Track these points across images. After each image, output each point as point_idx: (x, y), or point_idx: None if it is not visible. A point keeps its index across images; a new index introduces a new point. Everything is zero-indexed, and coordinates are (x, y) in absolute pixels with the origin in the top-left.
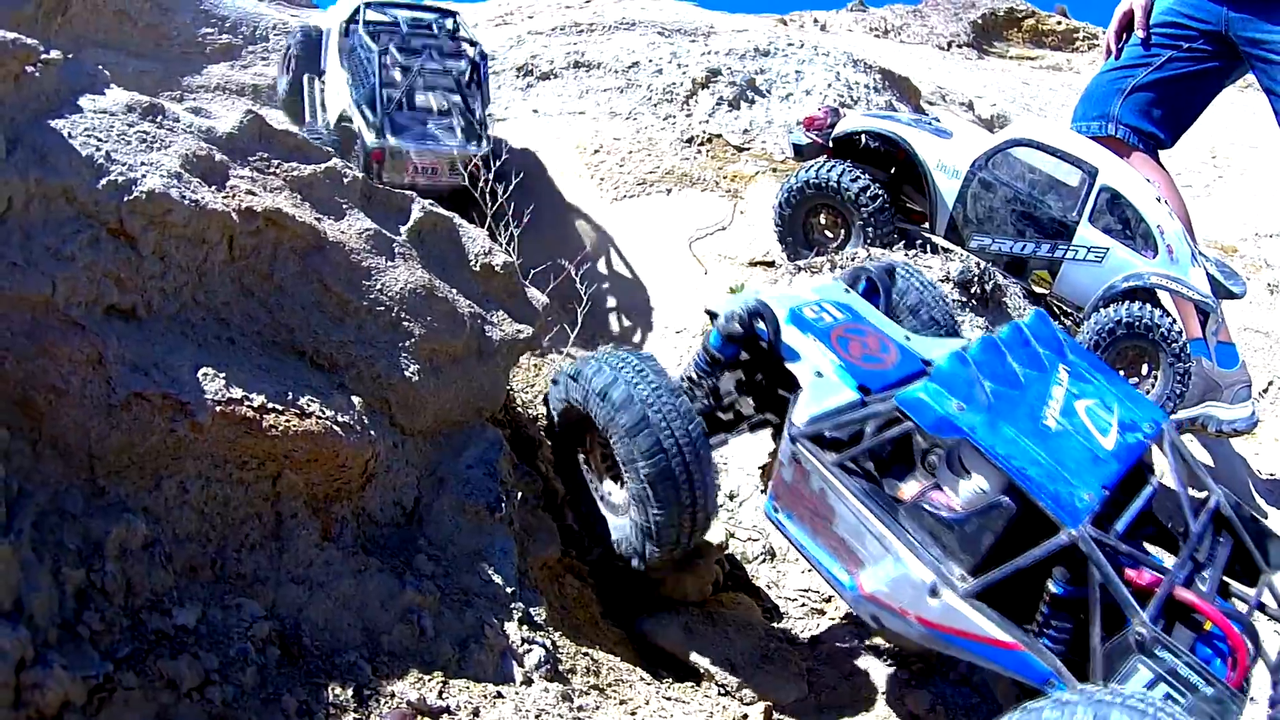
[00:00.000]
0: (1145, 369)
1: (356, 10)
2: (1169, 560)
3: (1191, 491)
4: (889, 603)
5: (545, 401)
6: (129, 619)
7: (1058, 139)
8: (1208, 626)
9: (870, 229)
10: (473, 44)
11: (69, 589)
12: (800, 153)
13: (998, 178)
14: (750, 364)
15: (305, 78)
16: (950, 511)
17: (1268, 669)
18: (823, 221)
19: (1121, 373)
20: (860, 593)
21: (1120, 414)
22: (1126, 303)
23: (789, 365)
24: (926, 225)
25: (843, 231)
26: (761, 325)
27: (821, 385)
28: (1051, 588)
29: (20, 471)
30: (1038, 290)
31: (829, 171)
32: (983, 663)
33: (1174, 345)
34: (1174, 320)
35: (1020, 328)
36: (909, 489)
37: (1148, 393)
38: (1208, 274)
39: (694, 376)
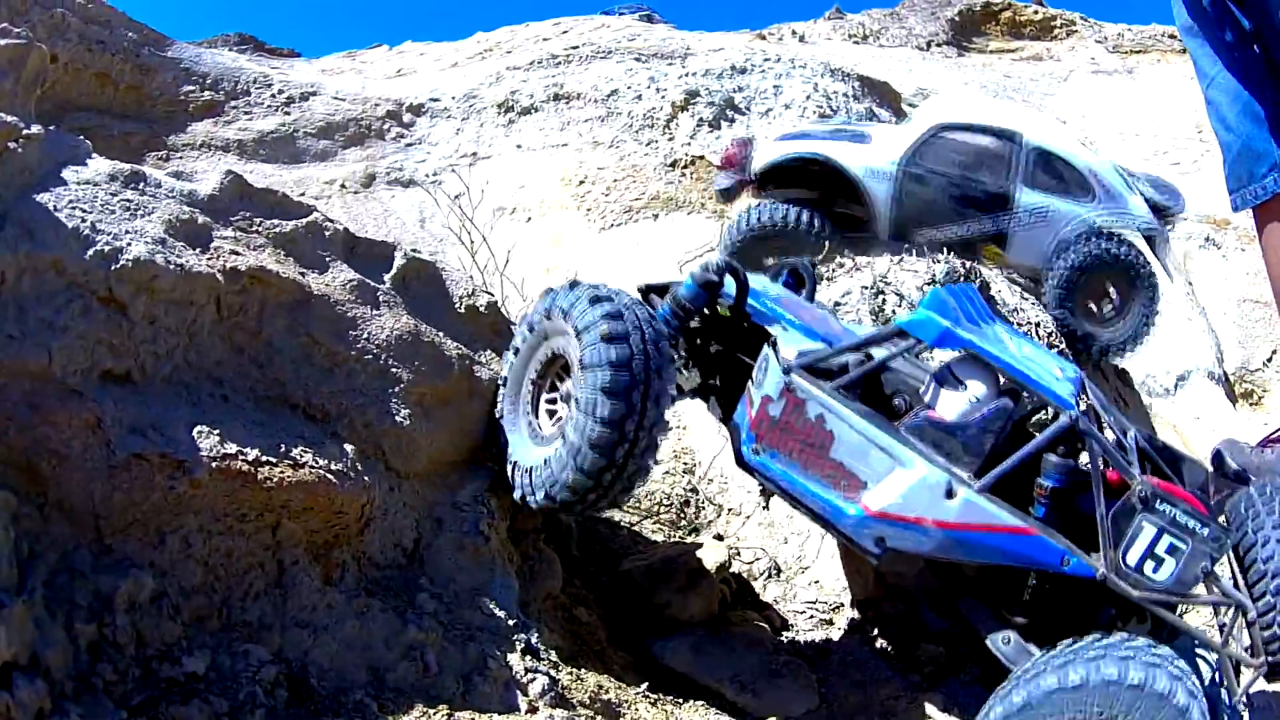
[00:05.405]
0: (1114, 293)
1: None
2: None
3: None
4: (901, 514)
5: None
6: (141, 669)
7: (972, 113)
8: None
9: (816, 251)
10: None
11: (82, 643)
12: (727, 195)
13: (927, 169)
14: (699, 333)
15: None
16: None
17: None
18: (772, 263)
19: (1092, 305)
20: (866, 513)
21: (1055, 359)
22: (1082, 241)
23: (759, 320)
24: (871, 231)
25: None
26: (730, 280)
27: (793, 334)
28: (1044, 483)
29: (30, 534)
30: (991, 265)
31: (757, 217)
32: (999, 557)
33: (1140, 270)
34: (1131, 245)
35: (955, 289)
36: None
37: (1122, 323)
38: (1145, 197)
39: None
